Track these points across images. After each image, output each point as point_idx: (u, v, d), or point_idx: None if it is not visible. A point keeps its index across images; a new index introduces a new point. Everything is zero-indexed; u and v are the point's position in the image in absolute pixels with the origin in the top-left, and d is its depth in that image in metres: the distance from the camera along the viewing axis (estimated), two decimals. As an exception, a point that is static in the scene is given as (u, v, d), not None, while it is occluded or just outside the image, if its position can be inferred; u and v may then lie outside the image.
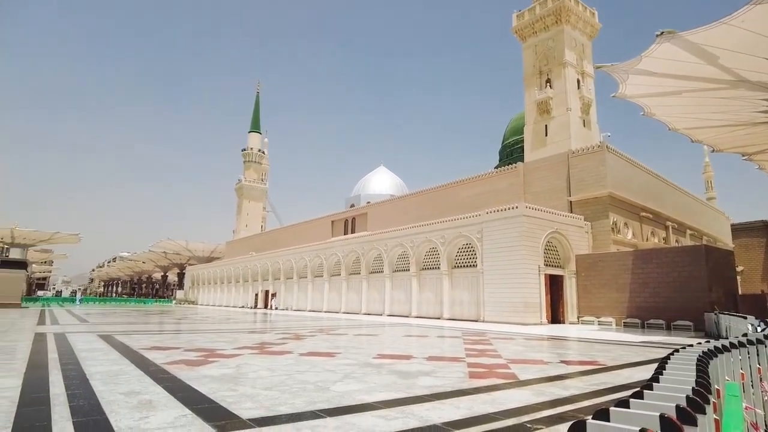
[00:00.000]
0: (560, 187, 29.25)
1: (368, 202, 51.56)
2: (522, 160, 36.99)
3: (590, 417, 1.86)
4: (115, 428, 3.88)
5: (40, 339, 11.52)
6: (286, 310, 42.09)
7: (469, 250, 26.58)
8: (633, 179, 29.81)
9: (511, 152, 50.82)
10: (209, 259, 75.64)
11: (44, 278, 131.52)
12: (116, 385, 5.73)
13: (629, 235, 28.36)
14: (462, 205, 33.03)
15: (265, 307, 46.44)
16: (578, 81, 37.97)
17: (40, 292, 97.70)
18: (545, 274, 23.85)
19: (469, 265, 26.43)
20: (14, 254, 56.24)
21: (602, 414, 1.84)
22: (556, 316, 24.38)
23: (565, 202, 28.49)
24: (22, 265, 38.71)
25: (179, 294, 73.24)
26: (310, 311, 38.78)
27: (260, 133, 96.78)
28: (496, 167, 46.02)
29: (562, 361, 9.14)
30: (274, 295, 46.31)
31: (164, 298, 79.86)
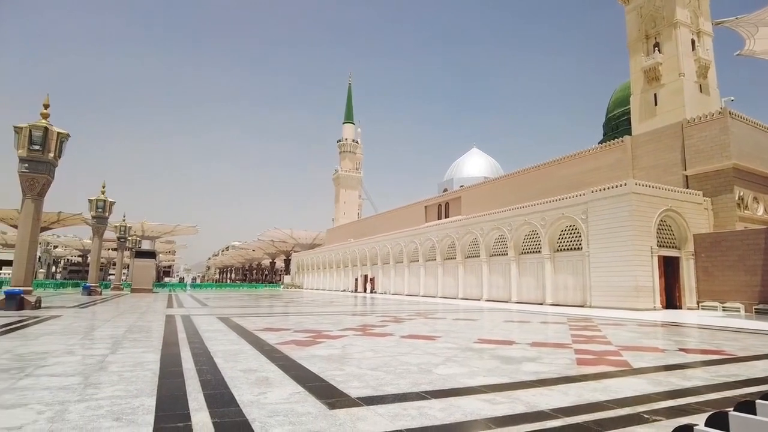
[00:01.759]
0: (674, 161, 26.68)
1: (461, 186, 50.84)
2: (629, 133, 34.15)
3: (731, 409, 1.70)
4: (238, 402, 4.25)
5: (170, 320, 12.89)
6: (384, 294, 43.10)
7: (572, 232, 25.29)
8: (764, 147, 26.32)
9: (617, 125, 47.20)
10: (311, 246, 79.45)
11: (169, 266, 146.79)
12: (236, 363, 6.26)
13: (759, 211, 25.18)
14: (562, 185, 31.42)
15: (364, 291, 47.93)
16: (693, 42, 34.08)
17: (166, 279, 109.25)
18: (658, 256, 22.04)
19: (573, 247, 25.17)
20: (145, 246, 63.29)
21: (746, 406, 1.67)
22: (671, 301, 22.49)
23: (679, 177, 25.96)
24: (152, 255, 43.43)
25: (286, 279, 77.96)
26: (407, 295, 39.37)
27: (353, 124, 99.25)
28: (600, 142, 43.03)
29: (680, 350, 8.43)
30: (372, 279, 47.66)
31: (273, 283, 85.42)
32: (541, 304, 25.78)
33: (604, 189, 23.19)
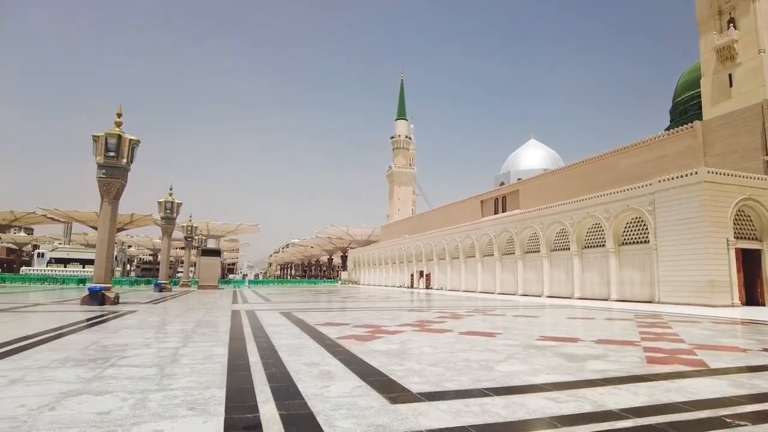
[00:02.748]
0: (752, 146, 24.76)
1: (519, 179, 49.65)
2: (698, 118, 32.07)
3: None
4: (303, 394, 4.37)
5: (235, 315, 13.45)
6: (441, 290, 42.89)
7: (638, 224, 24.11)
8: None
9: (685, 111, 44.40)
10: (367, 243, 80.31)
11: (233, 264, 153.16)
12: (299, 357, 6.45)
13: None
14: (626, 176, 29.97)
15: (420, 287, 47.89)
16: (774, 15, 31.46)
17: (231, 276, 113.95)
18: (736, 249, 20.59)
19: (639, 240, 23.99)
20: (211, 244, 66.31)
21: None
22: (752, 297, 20.96)
23: (759, 162, 24.07)
24: (217, 253, 45.49)
25: (343, 275, 79.29)
26: (463, 292, 38.98)
27: (406, 120, 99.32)
28: (667, 129, 40.67)
29: (765, 349, 7.83)
30: (428, 275, 47.53)
31: (331, 278, 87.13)
32: (606, 300, 24.75)
33: (673, 178, 21.90)
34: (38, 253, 77.78)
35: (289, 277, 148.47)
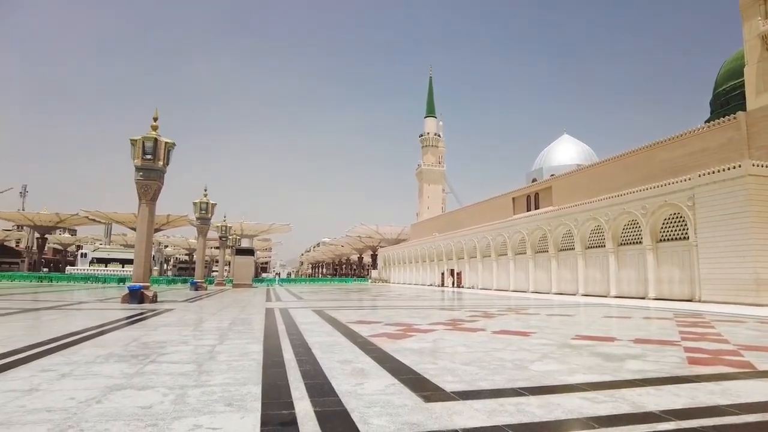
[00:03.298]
0: (802, 137, 23.59)
1: (552, 175, 48.70)
2: (741, 109, 30.73)
3: None
4: (337, 392, 4.42)
5: (269, 313, 13.68)
6: (472, 288, 42.55)
7: (677, 220, 23.34)
8: None
9: (726, 101, 42.66)
10: (397, 241, 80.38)
11: (266, 262, 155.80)
12: (332, 354, 6.51)
13: None
14: (663, 170, 29.01)
15: (451, 285, 47.62)
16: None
17: (264, 275, 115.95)
18: (784, 245, 19.64)
19: (678, 237, 23.23)
20: (244, 243, 67.61)
21: None
22: (803, 295, 19.95)
23: (809, 154, 22.92)
24: (251, 252, 46.36)
25: (374, 273, 79.58)
26: (495, 290, 38.55)
27: (435, 117, 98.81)
28: (707, 121, 39.20)
29: (817, 350, 7.46)
30: (458, 273, 47.22)
31: (361, 277, 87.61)
32: (643, 298, 24.06)
33: (715, 172, 21.09)
34: (81, 254, 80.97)
35: (320, 275, 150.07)
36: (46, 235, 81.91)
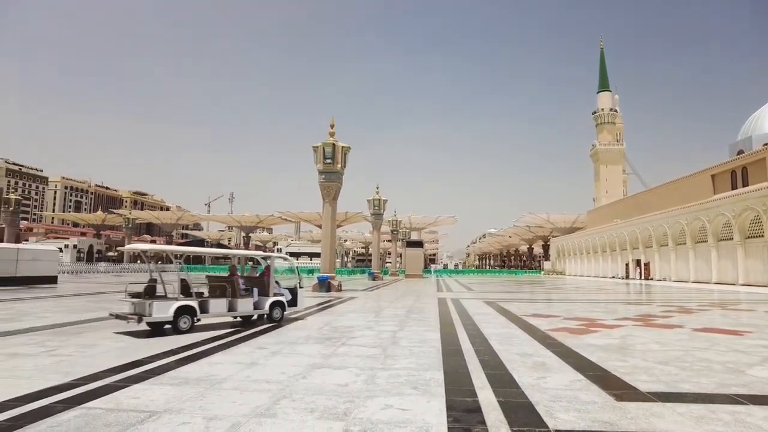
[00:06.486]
0: None
1: (765, 144, 40.57)
2: None
3: None
4: (519, 383, 4.37)
5: (442, 303, 14.05)
6: (663, 280, 37.86)
7: None
8: None
9: None
10: (571, 230, 75.22)
11: (434, 254, 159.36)
12: (510, 346, 6.44)
13: None
14: None
15: (638, 277, 42.95)
16: None
17: (432, 266, 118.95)
18: None
19: None
20: (413, 236, 70.25)
21: None
22: None
23: None
24: (420, 244, 48.14)
25: (546, 265, 75.79)
26: (693, 282, 33.70)
27: (610, 91, 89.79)
28: None
29: None
30: (646, 264, 42.41)
31: (532, 269, 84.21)
32: None
33: None
34: (277, 249, 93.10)
35: (487, 267, 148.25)
36: (250, 234, 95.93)
